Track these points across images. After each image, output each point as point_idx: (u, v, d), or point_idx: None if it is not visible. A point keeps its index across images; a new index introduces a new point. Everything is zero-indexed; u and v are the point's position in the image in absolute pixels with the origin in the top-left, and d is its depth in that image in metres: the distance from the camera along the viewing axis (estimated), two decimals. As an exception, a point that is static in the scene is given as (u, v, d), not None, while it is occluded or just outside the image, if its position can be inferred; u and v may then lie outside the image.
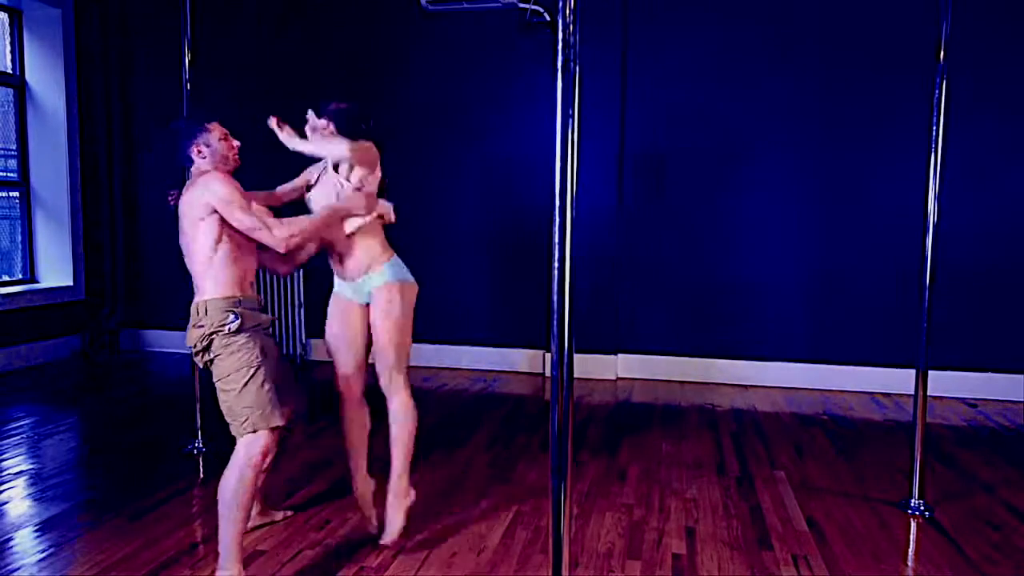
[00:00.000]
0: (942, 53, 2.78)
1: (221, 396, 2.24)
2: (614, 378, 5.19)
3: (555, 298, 1.55)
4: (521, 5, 4.98)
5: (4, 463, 3.38)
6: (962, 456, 3.60)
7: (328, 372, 2.73)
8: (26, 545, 2.56)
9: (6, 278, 5.59)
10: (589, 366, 5.11)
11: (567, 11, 1.49)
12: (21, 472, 3.27)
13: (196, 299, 2.28)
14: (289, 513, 2.80)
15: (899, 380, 4.63)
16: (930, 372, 2.94)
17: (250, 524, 2.45)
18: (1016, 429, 4.10)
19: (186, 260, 2.33)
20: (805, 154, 4.91)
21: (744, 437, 3.87)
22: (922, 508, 2.89)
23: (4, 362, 5.19)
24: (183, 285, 4.20)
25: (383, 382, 2.55)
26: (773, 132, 4.92)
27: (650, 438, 3.84)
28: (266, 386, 2.23)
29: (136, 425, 4.06)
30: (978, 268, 4.66)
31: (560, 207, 1.52)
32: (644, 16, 5.04)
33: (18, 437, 3.75)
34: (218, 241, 2.24)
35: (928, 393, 2.94)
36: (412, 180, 5.48)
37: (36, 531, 2.67)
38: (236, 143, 2.45)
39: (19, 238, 5.73)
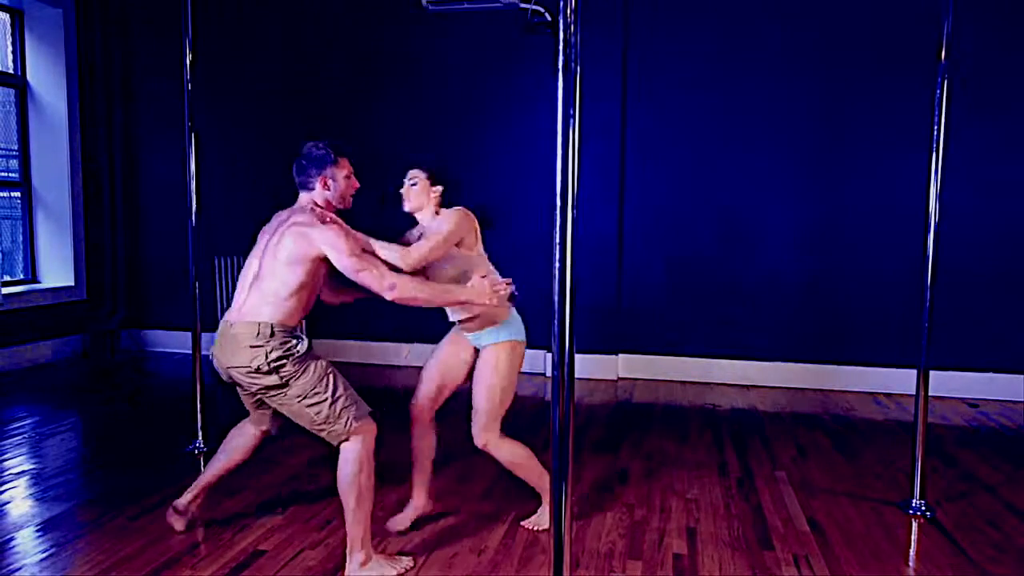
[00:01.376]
0: (943, 52, 2.78)
1: (310, 411, 2.27)
2: (615, 378, 5.19)
3: (556, 298, 1.55)
4: (522, 5, 4.96)
5: (6, 463, 3.38)
6: (963, 456, 3.60)
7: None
8: (27, 545, 2.56)
9: (7, 278, 5.59)
10: (590, 366, 5.10)
11: (568, 11, 1.49)
12: (23, 472, 3.28)
13: (252, 318, 2.24)
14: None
15: (900, 380, 4.63)
16: (931, 372, 2.94)
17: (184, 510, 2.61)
18: (1017, 429, 4.10)
19: (251, 271, 2.34)
20: (806, 153, 4.90)
21: (745, 437, 3.87)
22: (923, 508, 2.89)
23: (5, 362, 5.20)
24: (184, 285, 4.20)
25: (475, 428, 2.59)
26: (775, 132, 4.92)
27: (651, 438, 3.84)
28: (345, 384, 2.32)
29: (137, 425, 4.06)
30: (979, 268, 4.65)
31: (561, 207, 1.52)
32: (645, 15, 5.04)
33: (19, 437, 3.75)
34: (305, 284, 2.27)
35: (929, 393, 2.93)
36: (413, 180, 5.48)
37: (37, 531, 2.67)
38: (356, 185, 2.47)
39: (20, 238, 5.73)
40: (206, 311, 5.42)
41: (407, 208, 2.65)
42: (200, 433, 3.52)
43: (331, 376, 2.30)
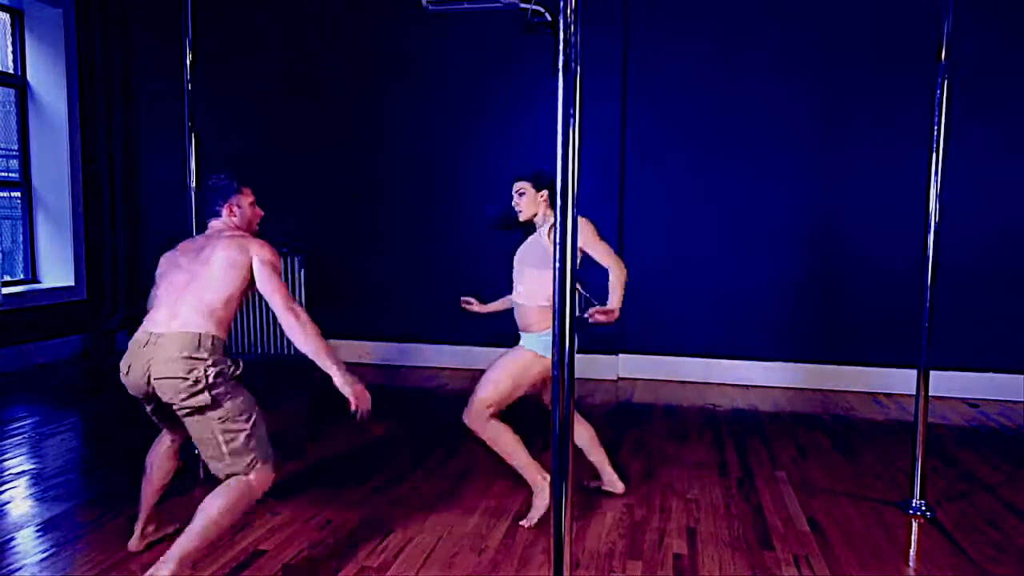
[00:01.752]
0: (943, 52, 2.78)
1: (222, 437, 2.20)
2: (615, 378, 5.19)
3: (556, 298, 1.55)
4: (522, 5, 4.97)
5: (6, 463, 3.38)
6: (963, 456, 3.60)
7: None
8: (27, 545, 2.56)
9: (7, 278, 5.59)
10: (591, 366, 5.11)
11: (568, 11, 1.48)
12: (23, 472, 3.28)
13: (188, 328, 2.21)
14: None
15: (900, 380, 4.63)
16: (931, 372, 2.94)
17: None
18: (1017, 429, 4.10)
19: (185, 286, 2.29)
20: (807, 153, 4.90)
21: (745, 437, 3.87)
22: (923, 508, 2.89)
23: (6, 362, 5.20)
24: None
25: (468, 408, 2.76)
26: (775, 131, 4.92)
27: (651, 438, 3.84)
28: (263, 424, 2.31)
29: (137, 425, 4.06)
30: (979, 268, 4.66)
31: (561, 207, 1.52)
32: (645, 15, 5.04)
33: (19, 437, 3.75)
34: (235, 295, 2.31)
35: (929, 393, 2.93)
36: (414, 180, 5.49)
37: (37, 531, 2.67)
38: (260, 213, 2.61)
39: (20, 238, 5.73)
40: (206, 311, 5.45)
41: (523, 218, 2.85)
42: (200, 433, 3.51)
43: (256, 411, 2.29)
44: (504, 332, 3.07)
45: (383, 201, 5.48)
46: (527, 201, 2.82)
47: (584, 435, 3.00)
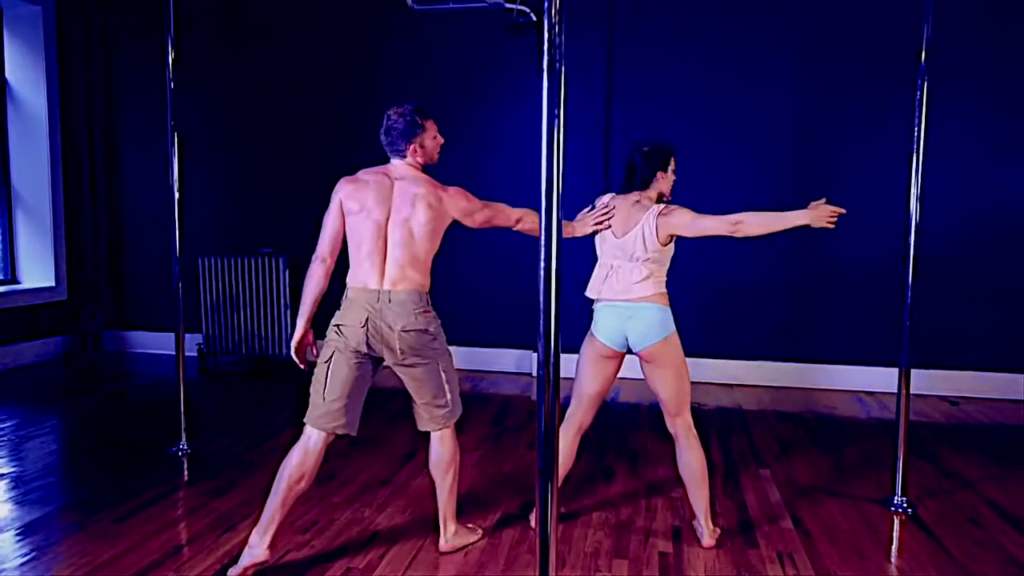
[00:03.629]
0: (923, 54, 2.82)
1: (446, 382, 2.45)
2: (601, 378, 5.20)
3: (542, 298, 1.55)
4: (507, 5, 4.99)
5: (-15, 466, 3.34)
6: (944, 453, 3.64)
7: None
8: (8, 549, 2.53)
9: (-13, 279, 5.52)
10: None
11: (553, 12, 1.49)
12: (3, 475, 3.24)
13: (411, 287, 2.35)
14: None
15: (882, 379, 4.68)
16: (912, 370, 2.98)
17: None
18: (996, 426, 4.16)
19: (401, 243, 2.36)
20: (789, 154, 4.94)
21: (730, 435, 3.90)
22: (905, 505, 2.92)
23: (-15, 364, 5.13)
24: (166, 286, 4.15)
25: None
26: (758, 132, 4.95)
27: (637, 437, 3.85)
28: None
29: (120, 427, 4.03)
30: (958, 268, 4.72)
31: (546, 207, 1.52)
32: (630, 16, 5.06)
33: (0, 439, 3.71)
34: (436, 250, 2.45)
35: (910, 391, 2.97)
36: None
37: (18, 534, 2.64)
38: (441, 140, 2.55)
39: (0, 238, 5.66)
40: (189, 312, 5.40)
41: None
42: (184, 435, 3.49)
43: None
44: (494, 331, 3.07)
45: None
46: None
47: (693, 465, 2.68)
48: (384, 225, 2.37)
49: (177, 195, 3.46)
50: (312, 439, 2.34)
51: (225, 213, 5.71)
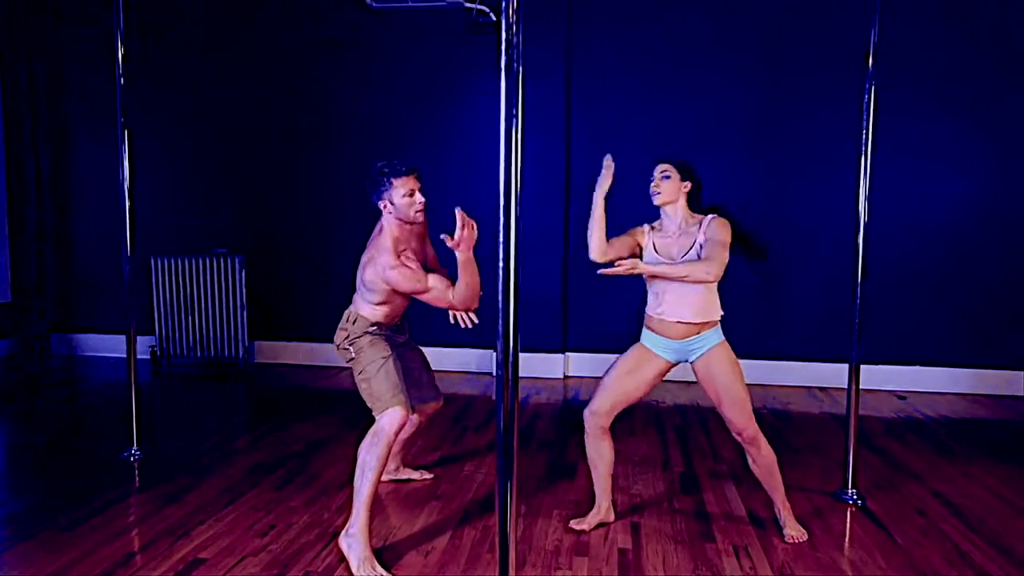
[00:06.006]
0: (871, 60, 2.90)
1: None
2: (562, 377, 5.24)
3: (500, 297, 1.56)
4: (467, 5, 4.98)
5: (-77, 475, 3.20)
6: (892, 446, 3.75)
7: (270, 375, 2.68)
8: (-52, 561, 2.44)
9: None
10: (538, 365, 5.14)
11: (510, 12, 1.49)
12: (-58, 484, 3.11)
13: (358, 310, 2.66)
14: (427, 476, 3.18)
15: (834, 374, 4.80)
16: (862, 366, 3.06)
17: (389, 477, 3.07)
18: (942, 419, 4.30)
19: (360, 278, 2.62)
20: (744, 154, 5.04)
21: (688, 432, 3.96)
22: (855, 497, 3.00)
23: (-77, 369, 4.93)
24: (117, 287, 4.03)
25: (743, 421, 2.76)
26: (713, 132, 5.03)
27: (597, 435, 3.88)
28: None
29: (69, 432, 3.90)
30: (905, 266, 4.87)
31: (505, 206, 1.53)
32: (589, 15, 5.09)
33: (-61, 448, 3.57)
34: (385, 301, 2.60)
35: (860, 386, 3.06)
36: (357, 179, 5.41)
37: (-41, 546, 2.54)
38: (421, 200, 2.56)
39: (-61, 238, 5.44)
40: (142, 313, 5.26)
41: (658, 201, 2.77)
42: (136, 439, 3.40)
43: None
44: (455, 331, 3.06)
45: (325, 200, 5.39)
46: (670, 184, 2.74)
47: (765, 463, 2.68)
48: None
49: (128, 193, 3.37)
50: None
51: (178, 212, 5.58)
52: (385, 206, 2.51)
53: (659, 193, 2.73)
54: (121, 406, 3.53)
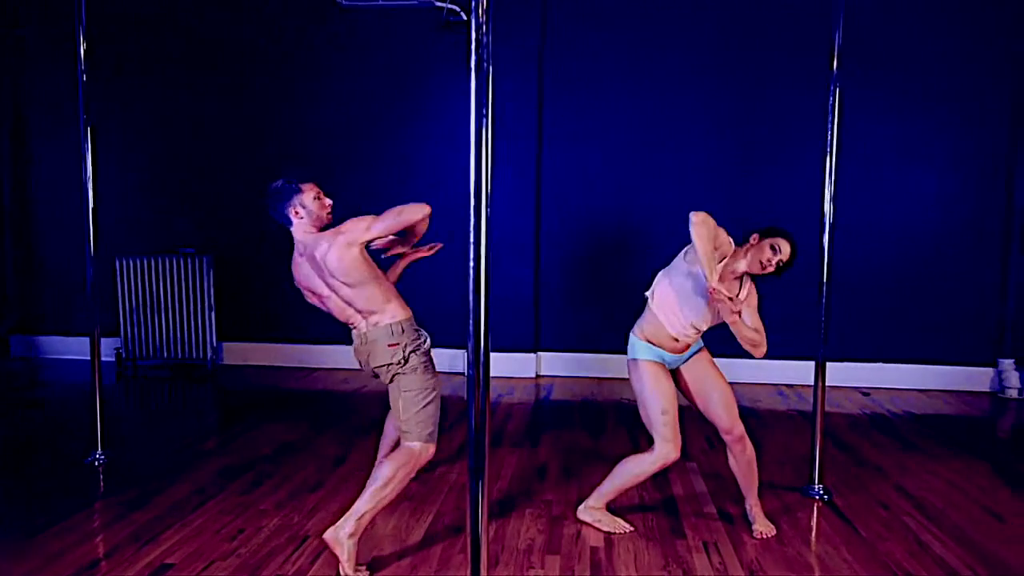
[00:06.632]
0: (835, 62, 2.96)
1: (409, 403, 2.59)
2: (535, 376, 5.25)
3: (471, 297, 1.56)
4: (438, 4, 4.97)
5: None
6: (857, 442, 3.83)
7: (239, 376, 2.65)
8: (-97, 571, 2.37)
9: None
10: (510, 365, 5.14)
11: (480, 11, 1.50)
12: None
13: (387, 320, 2.57)
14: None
15: (800, 372, 4.88)
16: (828, 364, 3.12)
17: None
18: (905, 415, 4.40)
19: (346, 307, 2.57)
20: (713, 156, 5.10)
21: (658, 430, 3.99)
22: (821, 492, 3.06)
23: None
24: (80, 288, 3.94)
25: (732, 421, 2.86)
26: (684, 134, 5.09)
27: (569, 434, 3.90)
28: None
29: (31, 436, 3.81)
30: (869, 266, 4.97)
31: (475, 206, 1.53)
32: (562, 16, 5.11)
33: None
34: (369, 265, 2.53)
35: (826, 384, 3.12)
36: (327, 178, 5.37)
37: (-85, 555, 2.47)
38: (328, 202, 2.61)
39: None
40: (106, 315, 5.16)
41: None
42: (100, 443, 3.33)
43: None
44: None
45: (297, 200, 5.34)
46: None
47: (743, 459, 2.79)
48: (333, 296, 2.55)
49: (91, 192, 3.30)
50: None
51: (143, 212, 5.48)
52: (296, 212, 2.54)
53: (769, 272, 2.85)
54: (85, 409, 3.46)
